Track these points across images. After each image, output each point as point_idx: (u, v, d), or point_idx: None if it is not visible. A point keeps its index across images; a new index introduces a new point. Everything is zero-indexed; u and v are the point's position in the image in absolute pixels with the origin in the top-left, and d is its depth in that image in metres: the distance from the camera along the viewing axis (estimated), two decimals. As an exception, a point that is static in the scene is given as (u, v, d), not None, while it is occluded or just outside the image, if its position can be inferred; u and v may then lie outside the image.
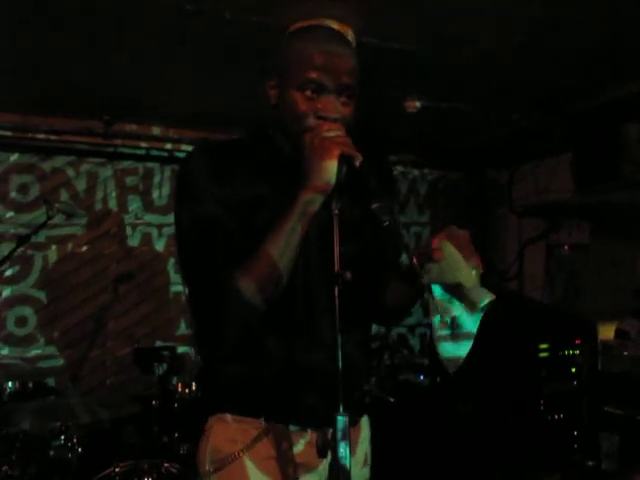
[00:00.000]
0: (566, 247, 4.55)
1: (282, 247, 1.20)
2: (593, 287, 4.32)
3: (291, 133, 1.29)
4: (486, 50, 2.65)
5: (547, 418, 3.26)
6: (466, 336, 1.31)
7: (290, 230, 1.20)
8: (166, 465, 2.39)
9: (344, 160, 1.16)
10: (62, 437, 2.44)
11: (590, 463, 2.78)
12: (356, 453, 1.42)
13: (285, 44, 1.32)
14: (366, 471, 1.47)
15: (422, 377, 3.90)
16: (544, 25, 2.40)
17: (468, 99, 3.32)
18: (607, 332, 3.61)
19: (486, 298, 1.28)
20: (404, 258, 1.44)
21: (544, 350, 3.34)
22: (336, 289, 1.08)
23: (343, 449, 1.00)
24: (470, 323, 1.30)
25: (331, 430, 1.02)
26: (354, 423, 1.40)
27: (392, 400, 3.43)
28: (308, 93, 1.25)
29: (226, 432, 1.31)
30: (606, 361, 3.49)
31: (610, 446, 2.69)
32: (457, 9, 2.29)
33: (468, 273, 1.27)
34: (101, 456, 2.46)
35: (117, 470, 2.34)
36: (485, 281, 1.29)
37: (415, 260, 1.31)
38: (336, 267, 1.09)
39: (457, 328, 1.31)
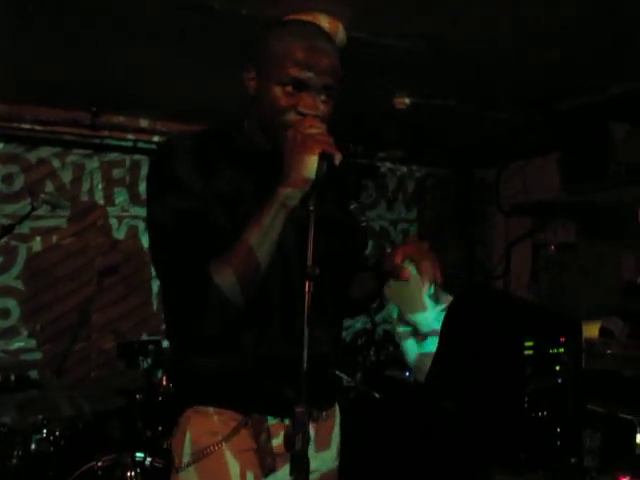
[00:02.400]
0: (552, 246, 4.58)
1: (260, 238, 1.20)
2: (579, 286, 4.35)
3: (269, 127, 1.29)
4: (475, 49, 2.65)
5: (531, 415, 3.27)
6: (428, 335, 1.36)
7: (269, 223, 1.20)
8: (149, 459, 2.37)
9: (325, 158, 1.16)
10: (44, 431, 2.42)
11: (573, 460, 2.80)
12: (330, 447, 1.44)
13: (267, 37, 1.31)
14: (337, 464, 1.49)
15: (408, 373, 3.91)
16: (532, 24, 2.41)
17: (457, 97, 3.33)
18: (591, 330, 3.64)
19: (442, 305, 1.33)
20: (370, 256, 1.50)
21: (529, 348, 3.34)
22: (307, 284, 1.09)
23: (300, 441, 1.02)
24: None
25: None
26: (326, 416, 1.42)
27: (377, 396, 3.44)
28: (289, 89, 1.25)
29: (205, 424, 1.31)
30: (590, 359, 3.52)
31: (592, 443, 2.71)
32: (447, 7, 2.30)
33: (423, 306, 1.34)
34: (83, 450, 2.43)
35: (99, 464, 2.32)
36: (471, 280, 1.34)
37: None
38: (309, 262, 1.10)
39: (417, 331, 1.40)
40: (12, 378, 2.91)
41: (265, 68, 1.28)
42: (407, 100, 3.28)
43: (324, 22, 2.30)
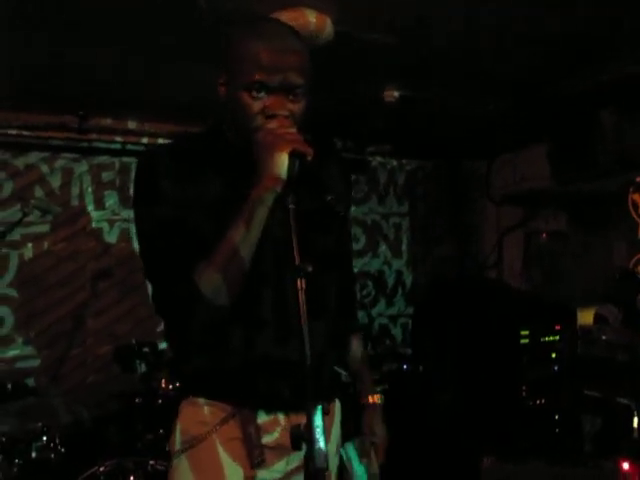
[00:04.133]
0: (544, 235, 4.61)
1: (242, 238, 1.23)
2: (571, 274, 4.38)
3: (241, 131, 1.31)
4: (464, 42, 2.66)
5: (529, 404, 3.30)
6: None
7: (249, 223, 1.23)
8: (151, 462, 2.37)
9: (295, 156, 1.18)
10: (44, 438, 2.40)
11: (574, 446, 2.83)
12: (330, 441, 1.45)
13: (232, 41, 1.31)
14: (337, 459, 1.52)
15: (405, 366, 3.93)
16: (518, 14, 2.41)
17: (447, 89, 3.33)
18: (586, 317, 3.67)
19: None
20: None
21: (525, 337, 3.38)
22: (299, 281, 1.10)
23: (320, 438, 1.02)
24: None
25: (304, 421, 1.04)
26: (326, 411, 1.43)
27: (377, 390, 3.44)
28: (255, 93, 1.25)
29: (196, 414, 1.35)
30: (585, 346, 3.55)
31: (592, 428, 2.73)
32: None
33: None
34: (85, 456, 2.42)
35: (102, 470, 2.31)
36: (464, 271, 1.37)
37: None
38: (296, 260, 1.11)
39: None
40: (9, 386, 2.88)
41: (232, 73, 1.29)
42: (396, 93, 3.28)
43: (311, 17, 2.30)
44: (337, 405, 1.53)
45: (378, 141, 4.56)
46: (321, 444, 1.03)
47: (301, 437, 1.06)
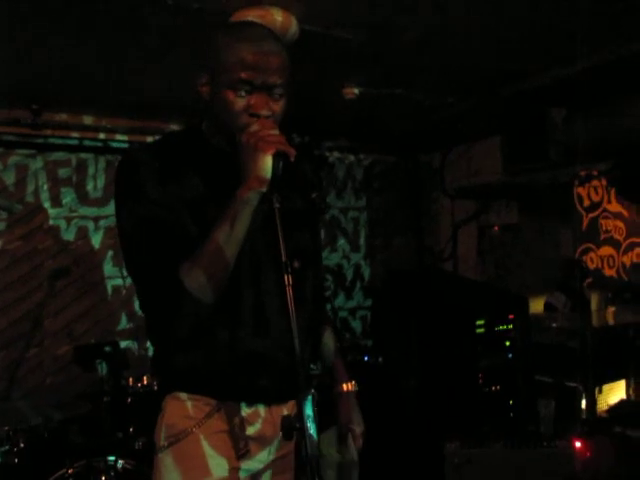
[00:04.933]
0: (496, 227, 4.76)
1: (227, 237, 1.26)
2: (523, 264, 4.55)
3: (225, 130, 1.35)
4: (420, 36, 2.70)
5: (486, 390, 3.42)
6: None
7: (234, 223, 1.26)
8: (121, 462, 2.35)
9: (279, 157, 1.23)
10: (7, 443, 2.35)
11: (530, 428, 2.96)
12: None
13: (216, 43, 1.36)
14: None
15: (366, 357, 4.00)
16: (477, 9, 2.47)
17: (404, 85, 3.39)
18: (538, 306, 3.82)
19: None
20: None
21: (480, 326, 3.49)
22: (286, 277, 1.16)
23: (311, 426, 1.06)
24: None
25: (284, 412, 1.14)
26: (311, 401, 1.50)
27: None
28: (240, 92, 1.31)
29: (180, 409, 1.38)
30: (537, 333, 3.70)
31: (547, 411, 2.87)
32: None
33: None
34: (52, 458, 2.38)
35: (70, 471, 2.28)
36: (421, 264, 1.45)
37: None
38: (283, 257, 1.16)
39: None
40: (-35, 391, 2.80)
41: (216, 73, 1.33)
42: (356, 90, 3.32)
43: (277, 16, 2.31)
44: (310, 399, 1.55)
45: (335, 136, 4.61)
46: (312, 432, 1.07)
47: (292, 427, 1.10)
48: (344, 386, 1.65)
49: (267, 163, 1.23)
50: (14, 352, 3.36)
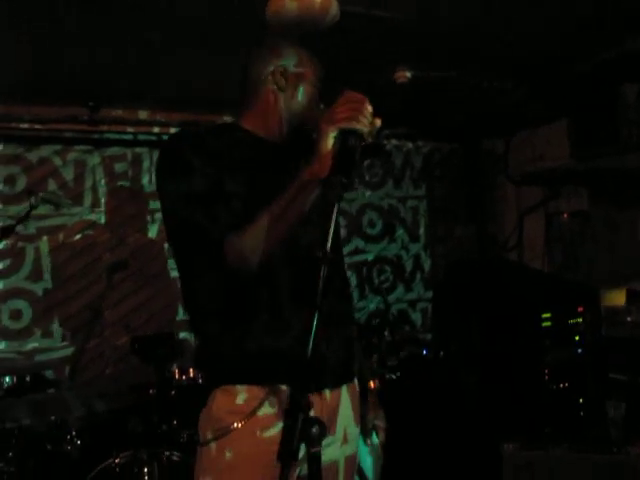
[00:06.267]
0: (565, 215, 4.50)
1: (282, 211, 1.21)
2: (593, 254, 4.28)
3: (298, 121, 1.44)
4: (476, 18, 2.57)
5: (552, 387, 3.23)
6: None
7: (292, 197, 1.21)
8: (166, 453, 2.36)
9: (345, 135, 1.16)
10: (60, 430, 2.41)
11: (599, 431, 2.76)
12: (336, 431, 1.45)
13: (288, 45, 1.49)
14: (347, 448, 1.48)
15: (425, 351, 3.88)
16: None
17: (460, 68, 3.24)
18: (613, 298, 3.57)
19: None
20: None
21: (547, 319, 3.30)
22: (323, 269, 1.08)
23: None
24: None
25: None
26: (330, 398, 1.44)
27: (394, 377, 3.40)
28: (315, 88, 1.47)
29: (229, 403, 1.34)
30: (610, 327, 3.46)
31: (616, 413, 2.65)
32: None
33: None
34: (100, 448, 2.43)
35: (117, 461, 2.31)
36: (484, 254, 1.40)
37: None
38: (328, 247, 1.09)
39: None
40: (27, 379, 2.90)
41: (298, 71, 1.46)
42: (408, 74, 3.19)
43: (316, -2, 2.23)
44: (345, 396, 1.50)
45: (393, 124, 4.47)
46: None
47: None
48: (370, 383, 1.64)
49: (328, 143, 1.15)
50: (75, 343, 3.48)
